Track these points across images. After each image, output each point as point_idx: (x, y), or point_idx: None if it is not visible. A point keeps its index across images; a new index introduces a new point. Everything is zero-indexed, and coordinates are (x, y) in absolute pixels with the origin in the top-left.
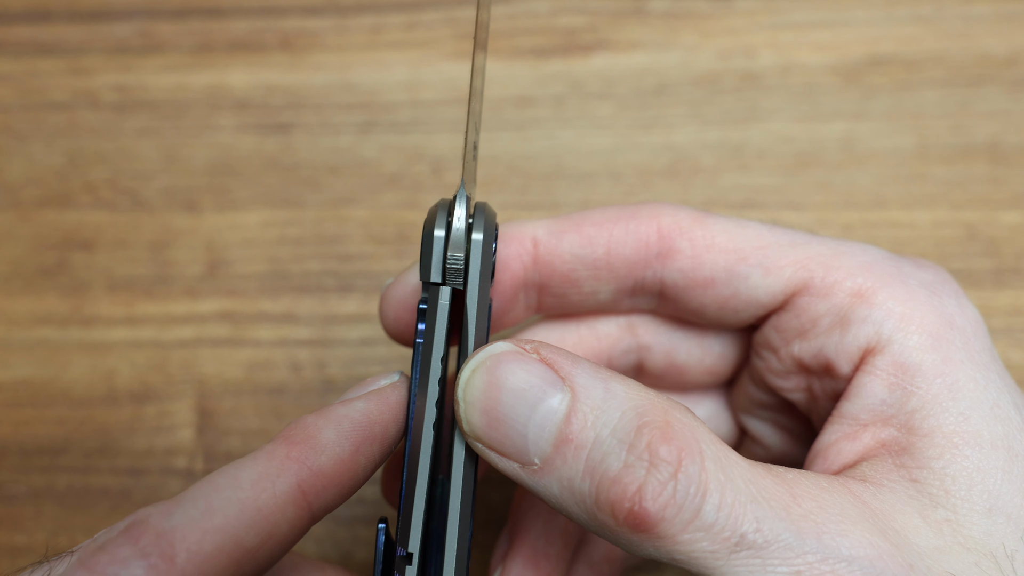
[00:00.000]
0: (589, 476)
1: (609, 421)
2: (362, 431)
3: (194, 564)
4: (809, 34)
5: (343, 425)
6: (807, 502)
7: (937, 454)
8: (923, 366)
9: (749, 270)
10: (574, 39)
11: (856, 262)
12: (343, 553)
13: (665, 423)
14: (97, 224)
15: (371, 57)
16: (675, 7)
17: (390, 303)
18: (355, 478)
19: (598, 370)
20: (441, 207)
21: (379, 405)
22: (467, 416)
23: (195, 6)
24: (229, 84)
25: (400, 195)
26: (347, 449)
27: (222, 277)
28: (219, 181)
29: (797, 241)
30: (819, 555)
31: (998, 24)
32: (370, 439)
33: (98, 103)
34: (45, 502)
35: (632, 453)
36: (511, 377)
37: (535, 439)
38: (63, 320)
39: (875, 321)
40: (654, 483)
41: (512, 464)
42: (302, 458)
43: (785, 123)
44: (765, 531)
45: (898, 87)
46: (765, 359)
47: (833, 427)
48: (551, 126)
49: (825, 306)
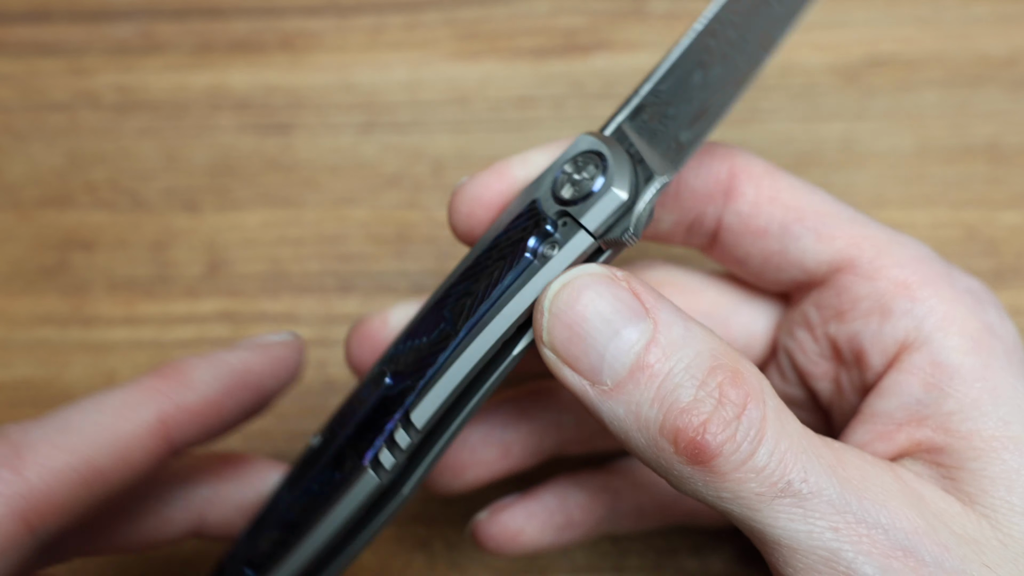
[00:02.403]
0: (658, 403)
1: (685, 356)
2: (236, 377)
3: (42, 478)
4: (809, 34)
5: (219, 368)
6: (852, 470)
7: (974, 456)
8: (962, 369)
9: (803, 231)
10: (574, 39)
11: (907, 253)
12: None
13: (736, 370)
14: (97, 224)
15: (371, 57)
16: (675, 7)
17: (465, 199)
18: (221, 420)
19: (680, 311)
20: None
21: (260, 357)
22: (549, 326)
23: (195, 6)
24: (229, 84)
25: (400, 195)
26: (217, 391)
27: (222, 277)
28: (219, 181)
29: (857, 219)
30: (857, 517)
31: (998, 24)
32: (243, 386)
33: (98, 103)
34: None
35: (703, 389)
36: (599, 299)
37: (612, 361)
38: (63, 320)
39: (916, 316)
40: (719, 419)
41: (582, 381)
42: (169, 392)
43: (785, 123)
44: (811, 483)
45: (898, 87)
46: (799, 339)
47: (865, 426)
48: (551, 126)
49: (867, 289)
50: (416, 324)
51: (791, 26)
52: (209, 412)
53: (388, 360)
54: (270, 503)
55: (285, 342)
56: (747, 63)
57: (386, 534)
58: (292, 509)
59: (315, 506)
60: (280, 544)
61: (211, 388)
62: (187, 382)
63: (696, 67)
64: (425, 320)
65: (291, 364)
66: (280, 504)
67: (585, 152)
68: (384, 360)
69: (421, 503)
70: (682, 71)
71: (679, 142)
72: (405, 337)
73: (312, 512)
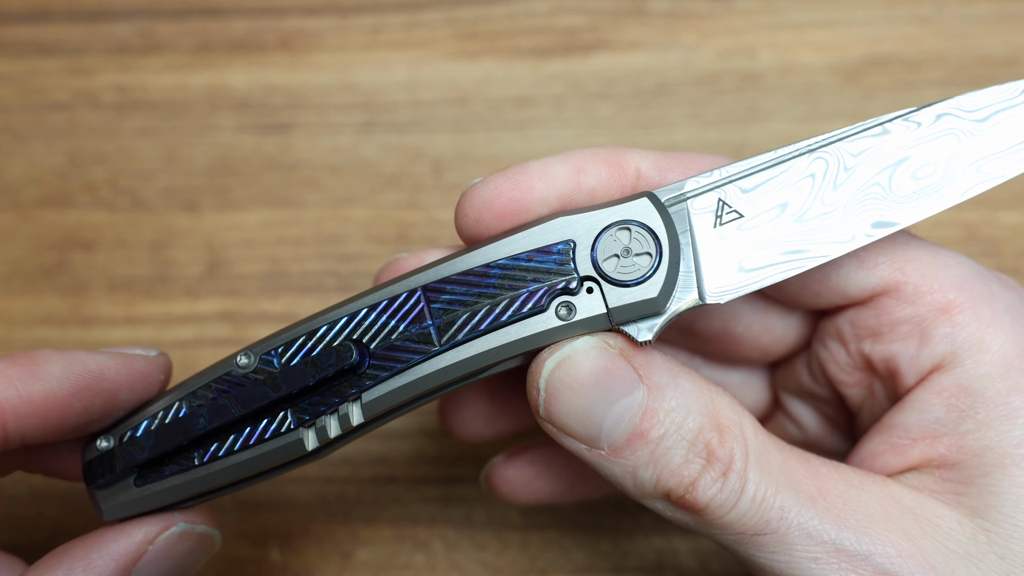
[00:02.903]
0: (652, 466)
1: (676, 419)
2: (90, 380)
3: None
4: (809, 34)
5: (73, 366)
6: (833, 498)
7: (984, 472)
8: (987, 394)
9: (844, 259)
10: (574, 39)
11: (950, 275)
12: (343, 552)
13: (721, 427)
14: (97, 224)
15: (371, 57)
16: (675, 7)
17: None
18: (64, 419)
19: (668, 365)
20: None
21: (120, 365)
22: (546, 404)
23: (195, 6)
24: (229, 84)
25: (400, 195)
26: (66, 389)
27: (222, 277)
28: (219, 181)
29: (896, 240)
30: (836, 546)
31: (998, 24)
32: (94, 391)
33: (98, 103)
34: (45, 502)
35: (692, 450)
36: (594, 376)
37: (609, 431)
38: (63, 320)
39: (954, 341)
40: (707, 479)
41: (579, 446)
42: (15, 378)
43: (785, 123)
44: (788, 519)
45: (898, 87)
46: (831, 351)
47: (880, 436)
48: (551, 126)
49: (909, 313)
50: (393, 301)
51: (904, 225)
52: (52, 409)
53: (355, 326)
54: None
55: (149, 357)
56: (838, 236)
57: (386, 534)
58: (204, 428)
59: (233, 442)
60: (178, 454)
61: (60, 384)
62: (36, 372)
63: (789, 190)
64: (406, 300)
65: (151, 381)
66: (191, 420)
67: (644, 227)
68: (352, 326)
69: (421, 503)
70: (774, 184)
71: (741, 266)
72: (379, 307)
73: (227, 445)
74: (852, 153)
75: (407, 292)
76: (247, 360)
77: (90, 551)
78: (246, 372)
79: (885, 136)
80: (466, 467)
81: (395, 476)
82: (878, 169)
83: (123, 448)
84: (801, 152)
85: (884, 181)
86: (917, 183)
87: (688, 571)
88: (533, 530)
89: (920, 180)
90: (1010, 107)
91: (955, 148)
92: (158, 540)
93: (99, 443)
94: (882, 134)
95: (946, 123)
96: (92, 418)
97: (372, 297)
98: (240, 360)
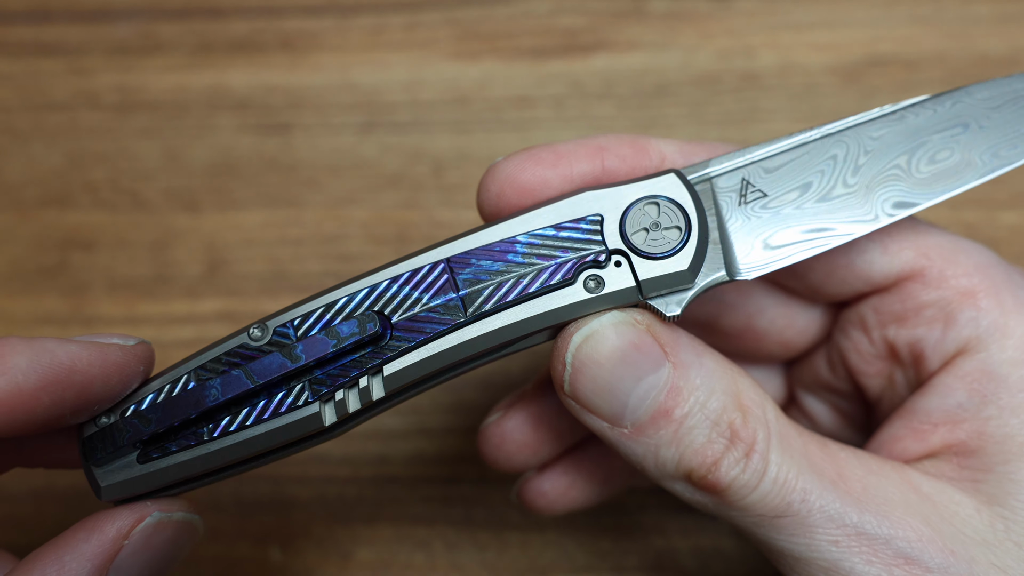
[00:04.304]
0: (676, 445)
1: (700, 398)
2: (59, 372)
3: None
4: (809, 34)
5: (41, 358)
6: (853, 482)
7: (1004, 460)
8: (1010, 379)
9: (868, 244)
10: (574, 39)
11: (973, 261)
12: (343, 552)
13: (745, 407)
14: (97, 224)
15: (371, 57)
16: (675, 7)
17: (498, 178)
18: (30, 414)
19: (693, 344)
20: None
21: (93, 356)
22: (572, 379)
23: (195, 6)
24: (229, 84)
25: (400, 195)
26: (32, 382)
27: (222, 277)
28: (219, 181)
29: (919, 227)
30: (857, 529)
31: (998, 24)
32: (64, 384)
33: (99, 103)
34: (45, 502)
35: (715, 430)
36: (621, 351)
37: (634, 408)
38: (63, 320)
39: (978, 325)
40: (730, 459)
41: (602, 424)
42: None
43: (785, 123)
44: (810, 501)
45: (898, 87)
46: (854, 339)
47: (901, 421)
48: (551, 126)
49: (934, 296)
50: (416, 273)
51: (922, 206)
52: (17, 404)
53: (376, 298)
54: (185, 381)
55: (126, 347)
56: (859, 215)
57: (386, 534)
58: (216, 400)
59: (247, 416)
60: (186, 429)
61: (26, 378)
62: (2, 365)
63: (811, 171)
64: (430, 272)
65: (128, 372)
66: (202, 392)
67: (672, 202)
68: (373, 298)
69: (421, 503)
70: (796, 165)
71: (767, 243)
72: (401, 278)
73: (240, 419)
74: (872, 137)
75: (431, 264)
76: (260, 333)
77: (62, 554)
78: (260, 345)
79: (903, 122)
80: (466, 467)
81: (395, 476)
82: (897, 153)
83: (126, 421)
84: (822, 135)
85: (903, 164)
86: (935, 166)
87: (688, 571)
88: (533, 530)
89: (938, 163)
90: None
91: (971, 134)
92: (133, 534)
93: (100, 419)
94: (900, 120)
95: (961, 110)
96: (63, 412)
97: (393, 269)
98: (253, 332)
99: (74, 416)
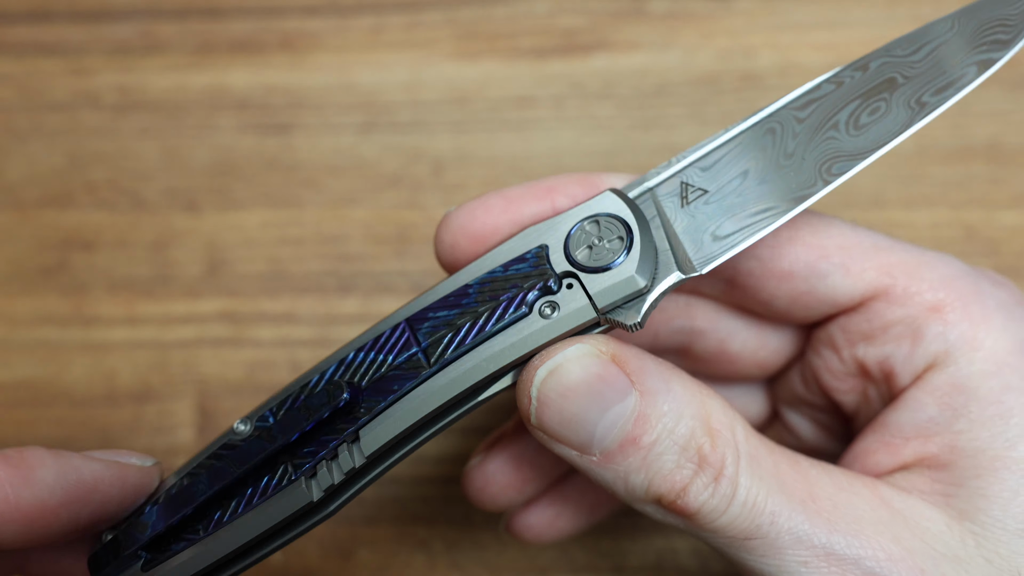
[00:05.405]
0: (644, 471)
1: (668, 424)
2: (81, 490)
3: None
4: (809, 34)
5: (67, 476)
6: (823, 501)
7: (976, 474)
8: (980, 391)
9: (830, 268)
10: (574, 39)
11: (938, 275)
12: (343, 552)
13: (713, 431)
14: (97, 224)
15: (371, 57)
16: (675, 7)
17: (450, 229)
18: (49, 528)
19: (660, 369)
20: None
21: (114, 476)
22: (538, 412)
23: (195, 6)
24: (229, 84)
25: (400, 195)
26: (56, 498)
27: (222, 277)
28: (219, 181)
29: (880, 245)
30: (826, 550)
31: None
32: (85, 502)
33: (98, 103)
34: None
35: (684, 455)
36: (587, 383)
37: (602, 437)
38: (64, 320)
39: (947, 340)
40: (698, 484)
41: (571, 452)
42: (6, 481)
43: None
44: (778, 524)
45: None
46: (824, 358)
47: (874, 435)
48: (551, 126)
49: (900, 314)
50: (379, 339)
51: (862, 163)
52: (39, 518)
53: (346, 369)
54: (178, 484)
55: (144, 468)
56: (800, 185)
57: (386, 534)
58: (207, 499)
59: (236, 505)
60: (184, 530)
61: (51, 495)
62: (30, 479)
63: (747, 159)
64: (391, 334)
65: (142, 491)
66: (192, 489)
67: (611, 216)
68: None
69: (421, 503)
70: (731, 157)
71: (715, 235)
72: (365, 346)
73: (231, 510)
74: (799, 115)
75: (391, 328)
76: (244, 427)
77: None
78: (243, 438)
79: (832, 92)
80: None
81: (395, 476)
82: (829, 121)
83: (126, 532)
84: (752, 124)
85: (836, 129)
86: (867, 124)
87: (688, 571)
88: None
89: (871, 120)
90: (940, 42)
91: (897, 87)
92: None
93: (104, 536)
94: (828, 91)
95: (885, 68)
96: (78, 527)
97: (359, 340)
98: (237, 428)
99: (86, 531)
